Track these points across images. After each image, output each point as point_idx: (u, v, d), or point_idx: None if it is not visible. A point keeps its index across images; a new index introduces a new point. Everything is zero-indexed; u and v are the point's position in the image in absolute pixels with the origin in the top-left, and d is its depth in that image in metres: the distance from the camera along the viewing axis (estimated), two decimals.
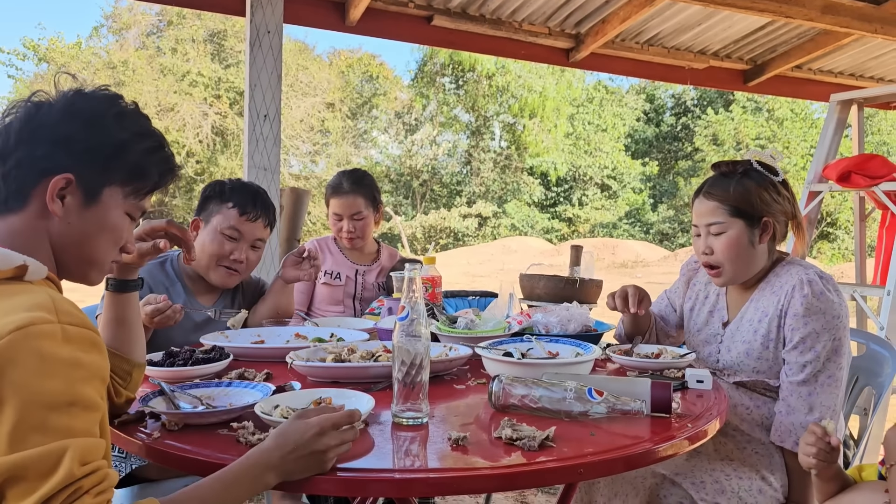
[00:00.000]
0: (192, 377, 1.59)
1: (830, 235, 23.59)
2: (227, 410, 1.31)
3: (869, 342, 2.29)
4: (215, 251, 2.17)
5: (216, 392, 1.46)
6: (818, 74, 5.65)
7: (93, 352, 0.96)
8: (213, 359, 1.68)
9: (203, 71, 23.15)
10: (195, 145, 22.82)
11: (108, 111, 1.11)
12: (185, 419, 1.30)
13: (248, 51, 3.62)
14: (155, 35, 24.45)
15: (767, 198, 1.92)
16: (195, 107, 22.82)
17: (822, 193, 4.07)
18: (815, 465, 1.25)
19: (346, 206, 2.86)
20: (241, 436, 1.22)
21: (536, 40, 4.89)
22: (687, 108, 29.61)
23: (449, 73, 27.53)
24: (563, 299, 2.39)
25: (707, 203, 1.96)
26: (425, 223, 26.08)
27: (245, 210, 2.18)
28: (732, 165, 1.99)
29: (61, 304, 0.96)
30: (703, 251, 1.97)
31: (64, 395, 0.91)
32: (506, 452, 1.20)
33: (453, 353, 1.80)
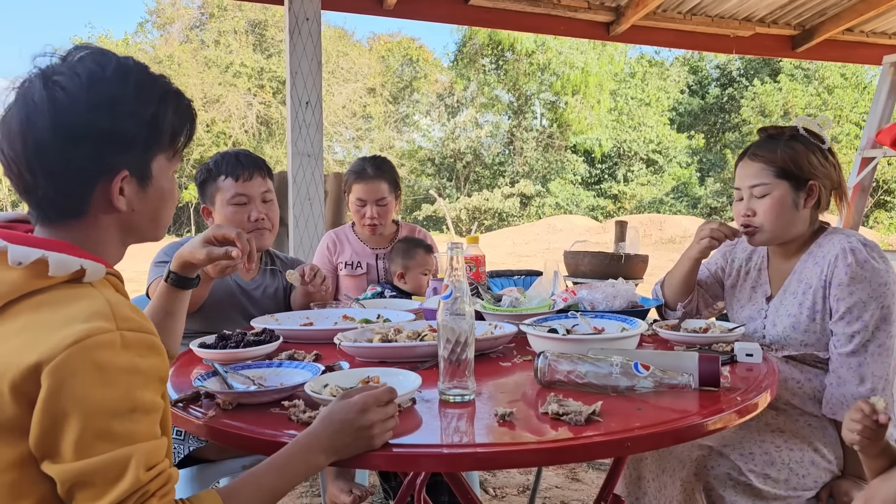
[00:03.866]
0: (245, 358, 1.63)
1: (888, 204, 22.83)
2: (279, 389, 1.35)
3: None
4: (235, 221, 2.23)
5: (267, 372, 1.50)
6: (871, 36, 5.44)
7: (151, 355, 0.98)
8: (264, 341, 1.72)
9: (246, 62, 23.47)
10: (241, 135, 23.19)
11: (126, 89, 1.05)
12: (238, 398, 1.34)
13: (288, 39, 3.66)
14: (198, 28, 24.85)
15: (815, 161, 1.89)
16: (240, 97, 23.16)
17: (877, 159, 3.94)
18: (860, 443, 1.22)
19: (371, 192, 2.86)
20: (293, 414, 1.25)
21: (576, 15, 4.82)
22: (733, 78, 28.87)
23: (489, 53, 27.34)
24: (608, 276, 2.37)
25: (752, 165, 1.92)
26: (469, 205, 26.06)
27: (237, 174, 2.24)
28: (779, 129, 1.96)
29: (119, 309, 0.97)
30: (745, 213, 1.93)
31: (125, 403, 0.93)
32: (552, 427, 1.20)
33: (498, 331, 1.81)
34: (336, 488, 1.96)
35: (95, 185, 1.04)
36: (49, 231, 1.06)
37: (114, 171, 1.04)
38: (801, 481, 1.76)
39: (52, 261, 0.97)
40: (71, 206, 1.05)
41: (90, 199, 1.05)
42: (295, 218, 3.71)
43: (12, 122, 1.01)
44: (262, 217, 2.27)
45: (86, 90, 1.01)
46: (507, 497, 3.09)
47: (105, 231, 1.09)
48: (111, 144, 1.03)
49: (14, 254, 0.97)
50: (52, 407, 0.89)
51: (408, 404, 1.32)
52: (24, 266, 0.97)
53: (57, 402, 0.89)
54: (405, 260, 2.76)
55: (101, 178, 1.04)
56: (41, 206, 1.05)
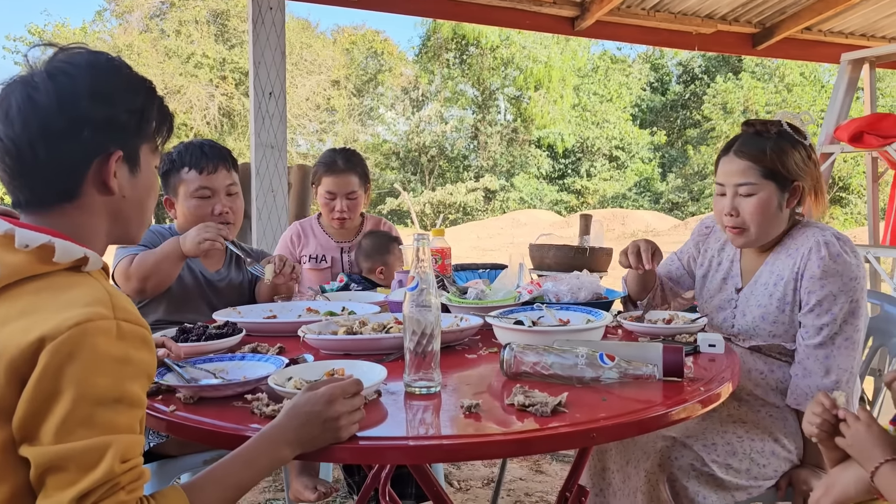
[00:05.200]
0: (206, 352, 1.60)
1: (843, 200, 23.39)
2: (242, 383, 1.33)
3: (883, 303, 2.28)
4: (199, 215, 2.20)
5: (230, 366, 1.48)
6: (828, 35, 5.55)
7: (143, 349, 0.98)
8: (226, 334, 1.69)
9: (208, 52, 23.10)
10: (203, 127, 22.84)
11: (121, 77, 1.12)
12: (200, 392, 1.32)
13: (252, 28, 3.60)
14: (158, 17, 24.37)
15: (800, 161, 1.87)
16: (201, 88, 22.80)
17: (834, 155, 4.02)
18: (818, 435, 1.24)
19: (341, 185, 2.82)
20: (256, 407, 1.23)
21: (541, 9, 4.83)
22: (694, 75, 29.28)
23: (453, 47, 27.32)
24: (572, 268, 2.37)
25: (739, 162, 1.89)
26: (434, 199, 26.04)
27: (201, 166, 2.21)
28: (765, 125, 1.92)
29: (118, 299, 0.98)
30: (728, 212, 1.90)
31: (112, 392, 0.93)
32: (519, 419, 1.20)
33: (464, 323, 1.81)
34: (300, 484, 1.93)
35: (91, 164, 1.07)
36: (37, 219, 1.07)
37: (109, 151, 1.08)
38: (762, 471, 1.79)
39: (58, 246, 0.99)
40: (67, 185, 1.07)
41: (85, 178, 1.07)
42: (258, 210, 3.66)
43: (12, 103, 1.04)
44: (227, 211, 2.24)
45: (86, 77, 1.07)
46: (471, 490, 3.10)
47: (95, 217, 1.10)
48: (107, 127, 1.08)
49: (21, 237, 0.98)
50: (46, 386, 0.89)
51: (373, 397, 1.31)
52: (30, 250, 0.98)
53: (52, 381, 0.89)
54: (384, 256, 2.75)
55: (97, 156, 1.07)
56: (34, 189, 1.06)
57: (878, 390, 2.28)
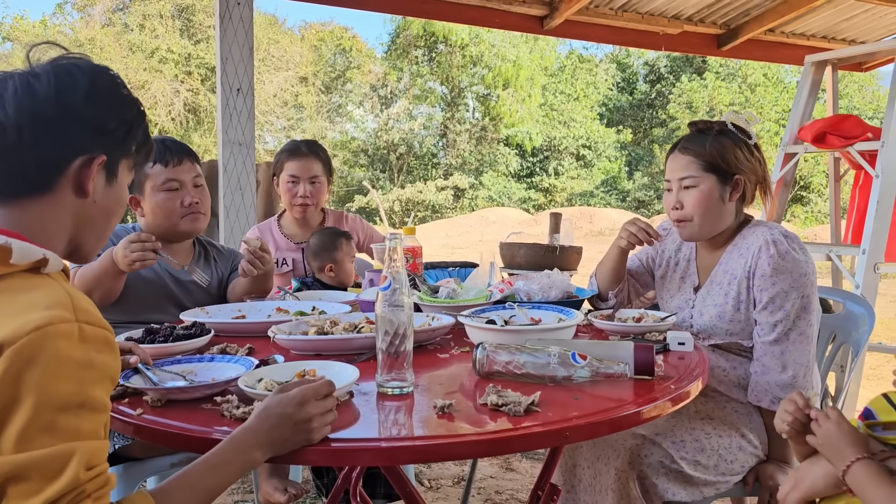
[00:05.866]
0: (174, 353, 1.58)
1: (804, 199, 23.88)
2: (211, 385, 1.30)
3: (845, 300, 2.32)
4: (168, 207, 2.18)
5: (198, 367, 1.45)
6: (791, 37, 5.64)
7: (106, 352, 0.95)
8: (194, 335, 1.67)
9: (173, 47, 22.74)
10: (167, 123, 22.49)
11: (119, 89, 1.14)
12: (167, 395, 1.29)
13: (219, 23, 3.55)
14: (121, 11, 23.93)
15: (741, 156, 1.95)
16: (166, 84, 22.45)
17: (798, 155, 4.09)
18: (788, 433, 1.26)
19: (304, 169, 2.83)
20: (226, 409, 1.21)
21: (510, 8, 4.84)
22: (660, 75, 29.63)
23: (422, 44, 27.28)
24: (543, 267, 2.39)
25: (681, 158, 1.97)
26: (402, 197, 25.98)
27: (166, 160, 2.19)
28: (708, 124, 2.01)
29: (79, 301, 0.95)
30: (674, 206, 1.98)
31: (75, 397, 0.90)
32: (492, 418, 1.20)
33: (436, 322, 1.80)
34: (270, 486, 1.91)
35: (73, 161, 1.06)
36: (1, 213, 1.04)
37: (94, 153, 1.08)
38: (730, 466, 1.82)
39: (15, 248, 0.95)
40: (43, 177, 1.05)
41: (64, 174, 1.06)
42: (226, 208, 3.61)
43: (9, 87, 1.04)
44: (196, 201, 2.21)
45: (87, 79, 1.08)
46: (442, 488, 3.10)
47: (62, 217, 1.08)
48: (96, 130, 1.08)
49: None
50: (5, 393, 0.86)
51: (345, 397, 1.30)
52: None
53: (12, 387, 0.86)
54: (331, 253, 2.70)
55: (81, 155, 1.06)
56: (9, 176, 1.04)
57: (840, 387, 2.32)
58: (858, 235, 3.85)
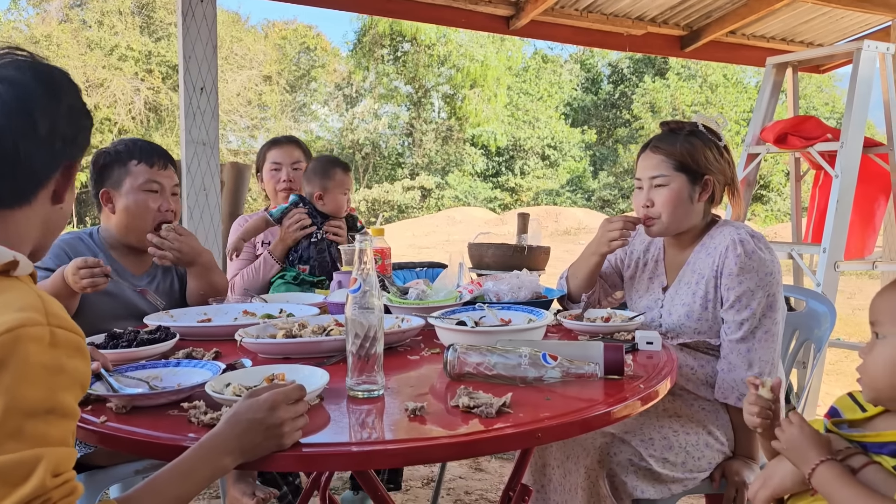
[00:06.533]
0: (138, 358, 1.54)
1: (764, 197, 24.35)
2: (177, 390, 1.28)
3: (808, 298, 2.37)
4: (143, 208, 2.12)
5: (164, 373, 1.42)
6: (752, 39, 5.74)
7: (77, 357, 0.92)
8: (159, 339, 1.63)
9: (133, 45, 22.33)
10: (128, 122, 22.09)
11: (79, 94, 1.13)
12: (132, 401, 1.26)
13: (181, 21, 3.48)
14: (79, 7, 23.44)
15: (711, 157, 1.98)
16: (126, 82, 22.04)
17: (761, 155, 4.16)
18: (761, 424, 1.28)
19: (286, 155, 2.97)
20: (193, 416, 1.19)
21: (476, 7, 4.84)
22: (623, 76, 29.96)
23: (388, 43, 27.20)
24: (511, 267, 2.39)
25: (653, 157, 2.00)
26: (369, 197, 25.88)
27: (152, 162, 2.14)
28: (680, 124, 2.04)
29: (50, 305, 0.92)
30: (644, 203, 2.00)
31: (44, 403, 0.87)
32: (463, 421, 1.20)
33: (406, 324, 1.79)
34: (238, 491, 1.88)
35: (57, 170, 1.07)
36: None
37: (73, 160, 1.09)
38: (697, 463, 1.84)
39: None
40: (26, 189, 1.04)
41: (46, 184, 1.06)
42: (189, 209, 3.55)
43: None
44: (172, 209, 2.17)
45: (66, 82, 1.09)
46: (411, 490, 3.09)
47: (31, 227, 1.07)
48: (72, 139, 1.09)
49: None
50: None
51: (315, 401, 1.28)
52: None
53: None
54: (323, 180, 2.71)
55: (63, 163, 1.07)
56: None
57: (802, 384, 2.37)
58: (819, 234, 3.93)
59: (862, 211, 3.99)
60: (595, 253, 2.11)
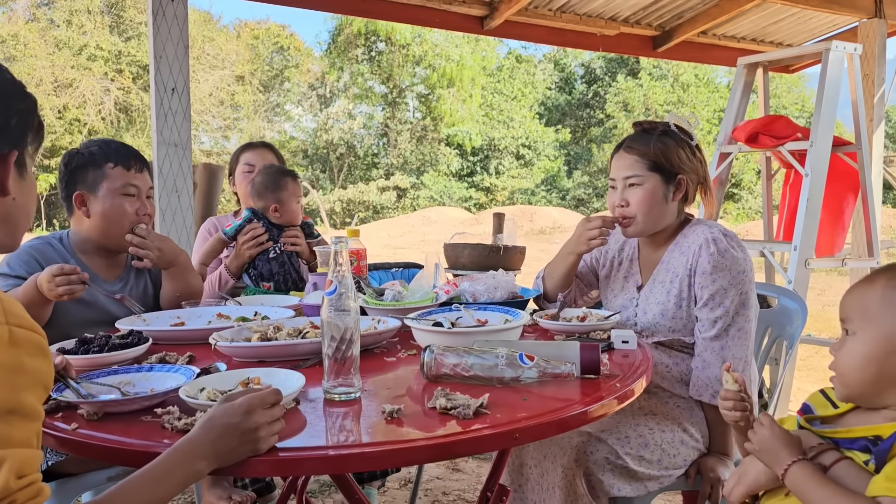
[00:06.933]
0: (110, 363, 1.52)
1: (735, 196, 24.65)
2: (150, 396, 1.26)
3: (779, 295, 2.40)
4: (121, 212, 2.08)
5: (136, 378, 1.40)
6: (722, 40, 5.81)
7: (38, 357, 0.90)
8: (131, 344, 1.61)
9: (102, 44, 22.02)
10: (97, 123, 21.78)
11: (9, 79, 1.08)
12: (104, 408, 1.24)
13: (151, 20, 3.44)
14: (46, 6, 23.07)
15: (684, 156, 1.99)
16: (95, 82, 21.74)
17: (733, 155, 4.21)
18: (741, 418, 1.29)
19: (259, 158, 2.97)
20: (167, 421, 1.17)
21: (450, 7, 4.84)
22: (596, 75, 30.17)
23: (362, 43, 27.12)
24: (487, 267, 2.40)
25: (627, 157, 2.01)
26: (344, 197, 25.79)
27: (129, 165, 2.11)
28: (652, 124, 2.05)
29: (9, 304, 0.90)
30: (619, 203, 2.01)
31: (5, 404, 0.84)
32: (441, 422, 1.19)
33: (382, 325, 1.79)
34: (213, 496, 1.87)
35: None
36: None
37: (4, 151, 1.04)
38: (672, 460, 1.85)
39: None
40: None
41: None
42: (162, 211, 3.50)
43: None
44: (149, 213, 2.14)
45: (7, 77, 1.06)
46: (389, 491, 3.08)
47: None
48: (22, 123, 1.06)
49: None
50: None
51: (291, 405, 1.27)
52: None
53: None
54: (276, 192, 2.66)
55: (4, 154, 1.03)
56: None
57: (774, 381, 2.40)
58: (790, 232, 3.99)
59: (831, 209, 4.06)
60: (572, 252, 2.12)
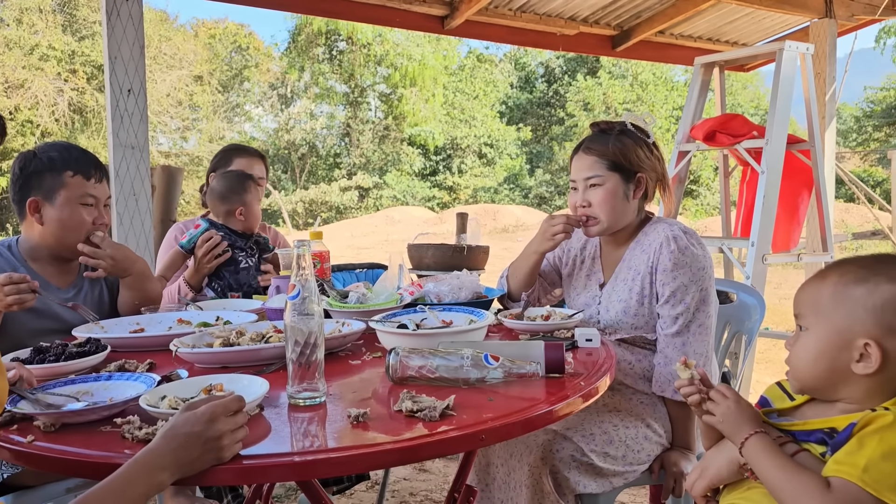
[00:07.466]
0: (67, 373, 1.48)
1: (694, 192, 25.05)
2: (109, 406, 1.23)
3: (738, 291, 2.44)
4: (78, 222, 2.04)
5: (95, 387, 1.37)
6: (679, 39, 5.91)
7: None
8: (89, 352, 1.57)
9: (55, 44, 21.48)
10: (51, 124, 21.25)
11: None
12: (61, 418, 1.21)
13: (105, 20, 3.36)
14: None
15: (642, 155, 2.02)
16: (48, 83, 21.20)
17: (691, 153, 4.28)
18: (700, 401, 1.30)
19: (249, 166, 2.90)
20: (127, 431, 1.14)
21: (411, 7, 4.84)
22: (556, 75, 30.40)
23: (323, 42, 26.93)
24: (451, 267, 2.40)
25: (586, 158, 2.03)
26: (306, 198, 25.58)
27: (89, 174, 2.06)
28: (609, 124, 2.08)
29: None
30: (581, 204, 2.03)
31: None
32: (407, 425, 1.19)
33: (346, 328, 1.78)
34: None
35: None
36: None
37: None
38: (637, 456, 1.87)
39: None
40: None
41: None
42: (119, 215, 3.43)
43: None
44: (106, 223, 2.10)
45: None
46: (356, 493, 3.06)
47: None
48: None
49: None
50: None
51: (255, 411, 1.26)
52: None
53: None
54: (241, 195, 2.64)
55: None
56: None
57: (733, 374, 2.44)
58: (747, 228, 4.07)
59: (787, 205, 4.15)
60: (536, 251, 2.13)
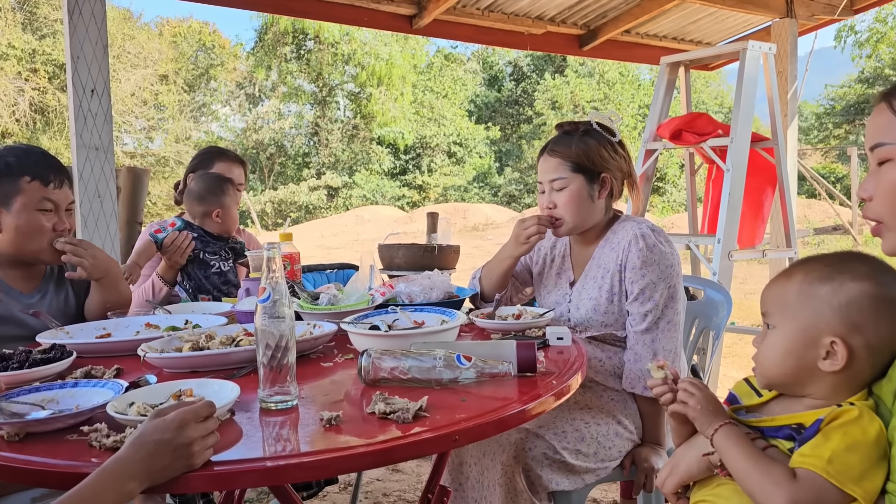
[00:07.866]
0: (31, 380, 1.45)
1: (660, 189, 25.36)
2: (75, 413, 1.21)
3: (705, 287, 2.48)
4: (37, 228, 1.98)
5: (60, 394, 1.34)
6: (645, 38, 5.97)
7: None
8: (54, 358, 1.54)
9: (14, 42, 21.01)
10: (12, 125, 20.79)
11: None
12: (25, 427, 1.18)
13: (67, 19, 3.30)
14: None
15: (606, 155, 2.04)
16: (8, 82, 20.74)
17: (658, 151, 4.33)
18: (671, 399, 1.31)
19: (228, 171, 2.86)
20: (95, 439, 1.12)
21: (378, 6, 4.83)
22: (524, 73, 30.54)
23: (290, 41, 26.72)
24: (422, 267, 2.40)
25: (550, 160, 2.05)
26: (275, 198, 25.38)
27: (48, 180, 1.99)
28: (574, 125, 2.09)
29: None
30: (547, 206, 2.05)
31: None
32: (380, 428, 1.18)
33: (318, 330, 1.76)
34: None
35: None
36: None
37: None
38: (608, 452, 1.89)
39: None
40: None
41: None
42: (83, 217, 3.37)
43: None
44: (68, 228, 2.04)
45: None
46: (328, 495, 3.05)
47: None
48: None
49: None
50: None
51: (226, 416, 1.24)
52: None
53: None
54: (220, 197, 2.62)
55: None
56: None
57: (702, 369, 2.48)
58: (714, 225, 4.13)
59: (752, 202, 4.22)
60: (511, 256, 2.13)
